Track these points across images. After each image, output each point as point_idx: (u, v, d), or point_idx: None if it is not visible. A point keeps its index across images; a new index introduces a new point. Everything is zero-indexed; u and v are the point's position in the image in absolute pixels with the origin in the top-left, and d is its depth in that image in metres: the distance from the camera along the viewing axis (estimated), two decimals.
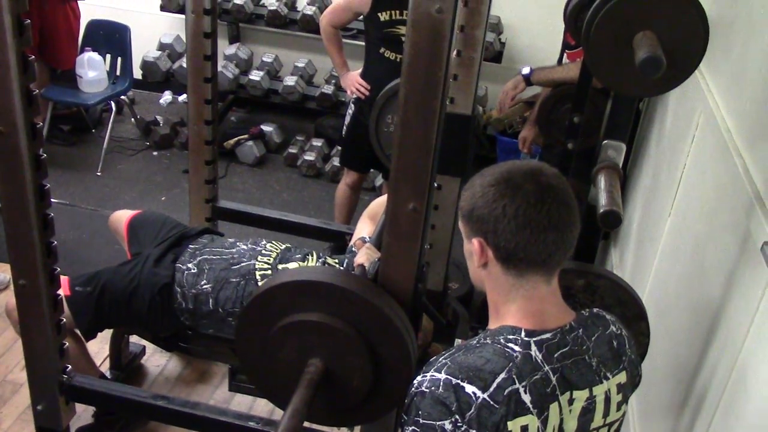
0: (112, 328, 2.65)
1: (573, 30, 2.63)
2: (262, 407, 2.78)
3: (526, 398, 1.17)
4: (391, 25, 3.27)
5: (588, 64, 1.76)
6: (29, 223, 1.84)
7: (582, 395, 1.24)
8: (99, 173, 4.54)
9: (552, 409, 1.20)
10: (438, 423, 1.16)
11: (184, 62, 4.79)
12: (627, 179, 3.32)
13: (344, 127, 3.63)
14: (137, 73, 4.94)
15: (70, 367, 2.15)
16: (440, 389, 1.17)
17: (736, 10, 2.10)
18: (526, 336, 1.21)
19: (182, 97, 5.06)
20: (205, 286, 2.32)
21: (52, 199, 1.89)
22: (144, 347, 3.00)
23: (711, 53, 1.69)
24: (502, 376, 1.17)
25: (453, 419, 1.16)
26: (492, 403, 1.15)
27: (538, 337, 1.22)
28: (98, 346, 2.81)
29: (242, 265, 2.35)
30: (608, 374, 1.28)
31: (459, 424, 1.15)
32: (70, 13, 4.52)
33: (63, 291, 2.30)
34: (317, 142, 4.83)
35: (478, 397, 1.16)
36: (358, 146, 3.48)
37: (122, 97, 4.83)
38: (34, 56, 1.70)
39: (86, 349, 2.53)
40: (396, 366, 1.56)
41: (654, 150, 2.99)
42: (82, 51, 4.63)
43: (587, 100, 2.23)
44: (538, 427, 1.19)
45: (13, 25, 1.59)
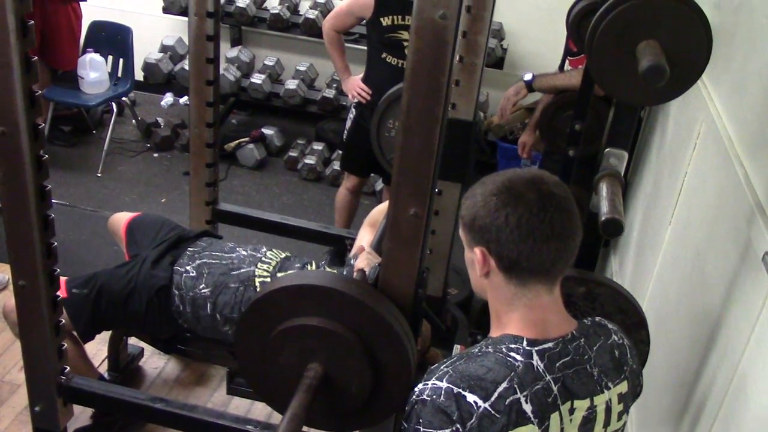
0: (109, 330, 2.65)
1: (575, 37, 2.65)
2: (260, 410, 2.78)
3: (527, 408, 1.17)
4: (393, 30, 3.27)
5: (591, 71, 1.76)
6: (30, 224, 1.84)
7: (583, 405, 1.24)
8: (99, 174, 4.54)
9: (553, 418, 1.20)
10: None
11: (186, 64, 4.80)
12: (627, 187, 3.32)
13: (345, 131, 3.63)
14: (139, 75, 4.94)
15: (69, 368, 2.14)
16: (441, 398, 1.17)
17: (738, 20, 2.10)
18: (527, 345, 1.21)
19: (183, 99, 5.06)
20: (203, 290, 2.32)
21: (52, 200, 1.89)
22: (142, 349, 2.99)
23: (713, 62, 1.70)
24: (504, 385, 1.16)
25: (454, 428, 1.15)
26: (493, 412, 1.15)
27: (540, 347, 1.21)
28: (96, 347, 2.81)
29: (242, 271, 2.34)
30: (609, 384, 1.27)
31: None
32: (72, 13, 4.52)
33: (60, 293, 2.30)
34: (318, 146, 4.83)
35: (480, 406, 1.15)
36: (359, 150, 3.49)
37: (123, 98, 4.83)
38: (36, 57, 1.70)
39: (84, 351, 2.52)
40: (395, 371, 1.56)
41: (655, 158, 3.00)
42: (83, 52, 4.63)
43: (589, 107, 2.23)
44: None
45: (16, 26, 1.59)
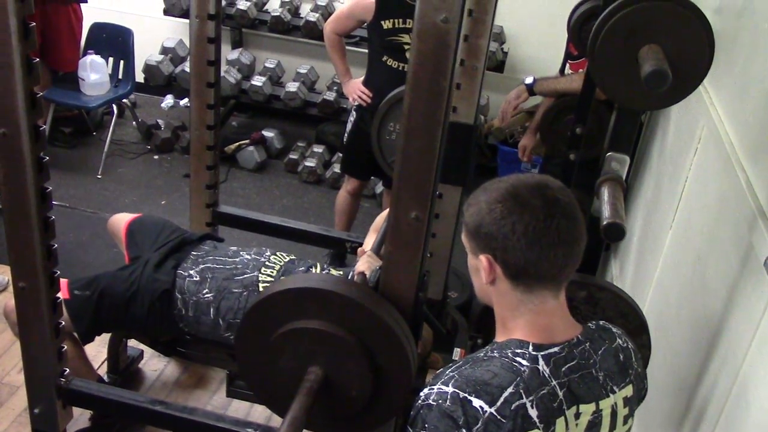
0: (110, 332, 2.64)
1: (577, 41, 2.64)
2: (260, 413, 2.77)
3: (533, 413, 1.17)
4: (394, 33, 3.27)
5: (593, 76, 1.76)
6: (30, 226, 1.83)
7: (588, 409, 1.24)
8: (99, 176, 4.53)
9: (558, 423, 1.20)
10: None
11: (187, 66, 4.80)
12: (628, 190, 3.32)
13: (345, 134, 3.63)
14: (139, 77, 4.93)
15: (68, 370, 2.14)
16: (447, 402, 1.17)
17: (739, 24, 2.10)
18: (533, 350, 1.21)
19: (184, 101, 5.06)
20: (207, 295, 2.31)
21: (52, 202, 1.89)
22: (142, 351, 2.99)
23: (714, 66, 1.70)
24: (510, 390, 1.16)
25: None
26: (499, 417, 1.15)
27: (546, 351, 1.21)
28: (96, 349, 2.80)
29: (245, 276, 2.34)
30: (615, 388, 1.27)
31: None
32: (72, 15, 4.51)
33: (62, 294, 2.30)
34: (318, 149, 4.83)
35: (486, 411, 1.15)
36: (359, 153, 3.48)
37: (124, 100, 4.83)
38: (37, 59, 1.70)
39: (84, 353, 2.51)
40: (396, 375, 1.56)
41: (656, 162, 3.00)
42: (84, 54, 4.63)
43: (590, 111, 2.23)
44: None
45: (18, 28, 1.59)
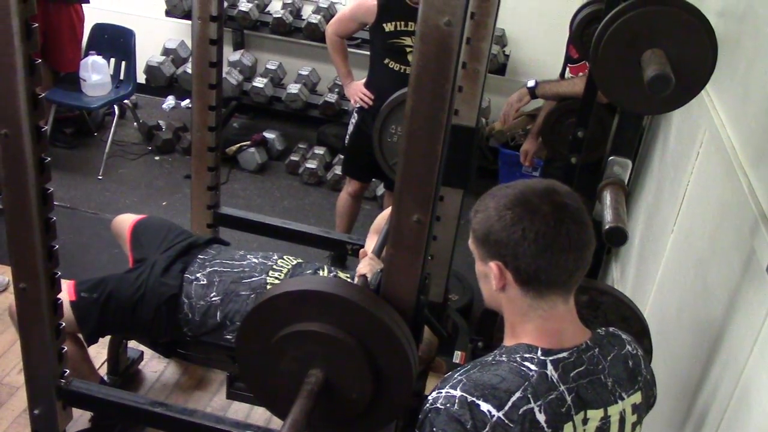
0: (114, 334, 2.64)
1: (579, 44, 2.64)
2: (260, 415, 2.77)
3: (541, 418, 1.16)
4: (395, 36, 3.28)
5: (595, 80, 1.76)
6: (31, 227, 1.84)
7: (597, 415, 1.23)
8: (100, 177, 4.53)
9: (566, 428, 1.19)
10: None
11: (188, 67, 4.80)
12: (629, 194, 3.32)
13: (347, 136, 3.63)
14: (141, 78, 4.94)
15: (69, 371, 2.14)
16: (455, 406, 1.17)
17: (742, 28, 2.10)
18: (542, 355, 1.21)
19: (185, 103, 5.06)
20: (214, 299, 2.32)
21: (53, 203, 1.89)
22: (142, 353, 2.98)
23: (717, 70, 1.69)
24: (518, 395, 1.16)
25: None
26: (507, 422, 1.15)
27: (555, 356, 1.21)
28: (96, 350, 2.79)
29: (253, 279, 2.34)
30: (623, 394, 1.27)
31: None
32: (74, 15, 4.52)
33: (68, 296, 2.29)
34: (319, 150, 4.83)
35: (493, 415, 1.15)
36: (361, 155, 3.49)
37: (125, 101, 4.83)
38: (39, 59, 1.70)
39: (87, 354, 2.52)
40: (397, 377, 1.55)
41: (657, 166, 2.99)
42: (86, 54, 4.63)
43: (592, 114, 2.23)
44: None
45: (21, 28, 1.59)
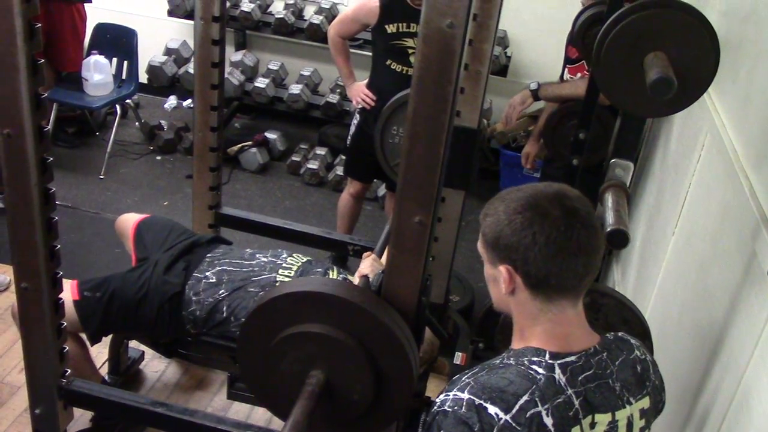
0: (116, 333, 2.64)
1: (581, 47, 2.65)
2: (260, 416, 2.77)
3: (548, 421, 1.16)
4: (398, 38, 3.28)
5: (597, 82, 1.76)
6: (33, 227, 1.84)
7: (604, 419, 1.23)
8: (102, 176, 4.54)
9: None
10: None
11: (190, 67, 4.81)
12: (630, 196, 3.32)
13: (349, 136, 3.63)
14: (143, 78, 4.94)
15: (70, 371, 2.14)
16: (463, 409, 1.17)
17: (744, 31, 2.10)
18: (550, 358, 1.21)
19: (187, 102, 5.07)
20: (222, 294, 2.33)
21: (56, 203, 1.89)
22: (143, 353, 2.99)
23: (719, 73, 1.70)
24: (525, 398, 1.16)
25: None
26: (514, 425, 1.15)
27: (563, 360, 1.21)
28: (97, 350, 2.79)
29: (263, 277, 2.35)
30: (631, 399, 1.27)
31: None
32: (76, 15, 4.53)
33: (72, 295, 2.30)
34: (321, 151, 4.84)
35: (501, 418, 1.15)
36: (363, 156, 3.49)
37: (127, 101, 4.83)
38: (42, 59, 1.70)
39: (89, 354, 2.52)
40: (398, 379, 1.55)
41: (658, 168, 2.99)
42: (88, 54, 4.64)
43: (593, 116, 2.23)
44: None
45: (24, 28, 1.59)
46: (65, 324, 2.07)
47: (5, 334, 3.03)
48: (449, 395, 1.20)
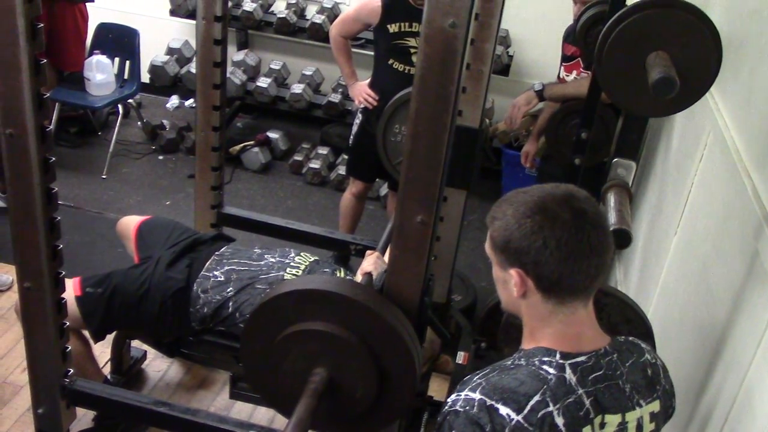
0: (120, 330, 2.64)
1: (583, 46, 2.65)
2: (263, 415, 2.77)
3: (560, 421, 1.16)
4: (400, 37, 3.28)
5: (600, 82, 1.76)
6: (36, 226, 1.84)
7: (614, 420, 1.23)
8: (104, 176, 4.54)
9: None
10: None
11: (192, 67, 4.81)
12: (633, 195, 3.32)
13: (351, 136, 3.63)
14: (145, 77, 4.94)
15: (73, 370, 2.14)
16: (474, 409, 1.17)
17: (747, 30, 2.10)
18: (561, 358, 1.21)
19: (189, 102, 5.07)
20: (230, 292, 2.33)
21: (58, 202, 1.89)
22: (145, 352, 2.99)
23: (721, 72, 1.70)
24: (536, 398, 1.16)
25: None
26: (526, 425, 1.15)
27: (573, 360, 1.21)
28: (100, 349, 2.81)
29: (270, 275, 2.35)
30: (641, 401, 1.27)
31: None
32: (78, 15, 4.53)
33: (74, 291, 2.30)
34: (323, 150, 4.83)
35: (512, 419, 1.15)
36: (365, 156, 3.49)
37: (129, 100, 4.83)
38: (44, 60, 1.70)
39: (93, 353, 2.52)
40: (401, 377, 1.55)
41: (660, 167, 2.99)
42: (90, 54, 4.64)
43: (596, 115, 2.23)
44: None
45: (26, 28, 1.60)
46: (68, 323, 2.07)
47: (7, 334, 3.03)
48: (460, 395, 1.20)
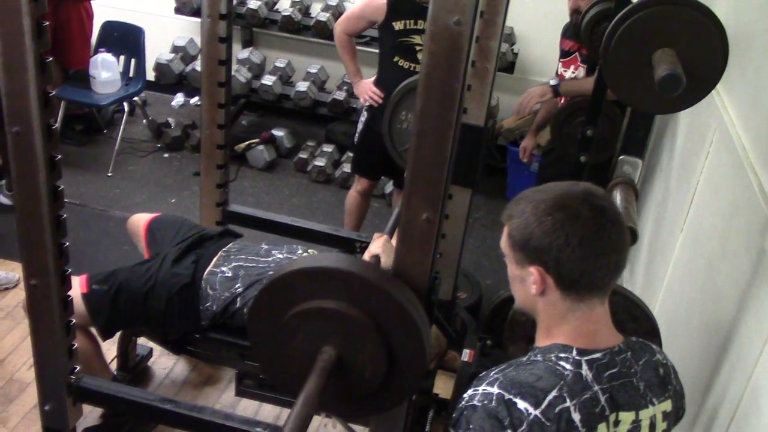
0: (128, 328, 2.64)
1: (588, 43, 2.64)
2: (268, 412, 2.78)
3: (576, 417, 1.17)
4: (405, 35, 3.27)
5: (605, 79, 1.76)
6: (42, 224, 1.84)
7: (628, 417, 1.23)
8: (110, 174, 4.55)
9: (600, 429, 1.20)
10: None
11: (197, 65, 4.81)
12: (638, 193, 3.31)
13: (356, 134, 3.63)
14: (150, 75, 4.95)
15: (81, 367, 2.14)
16: (493, 403, 1.17)
17: (753, 27, 2.09)
18: (577, 355, 1.21)
19: (194, 100, 5.08)
20: (238, 289, 2.33)
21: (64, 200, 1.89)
22: (151, 349, 3.00)
23: (727, 69, 1.69)
24: (554, 393, 1.17)
25: None
26: (543, 420, 1.15)
27: (589, 357, 1.21)
28: (105, 347, 2.80)
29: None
30: (654, 400, 1.27)
31: None
32: (84, 13, 4.54)
33: (80, 288, 2.31)
34: (328, 148, 4.84)
35: (530, 413, 1.15)
36: (370, 153, 3.49)
37: (134, 98, 4.84)
38: (50, 58, 1.71)
39: (101, 350, 2.52)
40: (410, 358, 1.53)
41: (665, 165, 2.98)
42: (96, 52, 4.65)
43: (601, 113, 2.22)
44: None
45: (32, 27, 1.60)
46: (75, 320, 2.08)
47: (14, 331, 3.05)
48: (478, 390, 1.20)
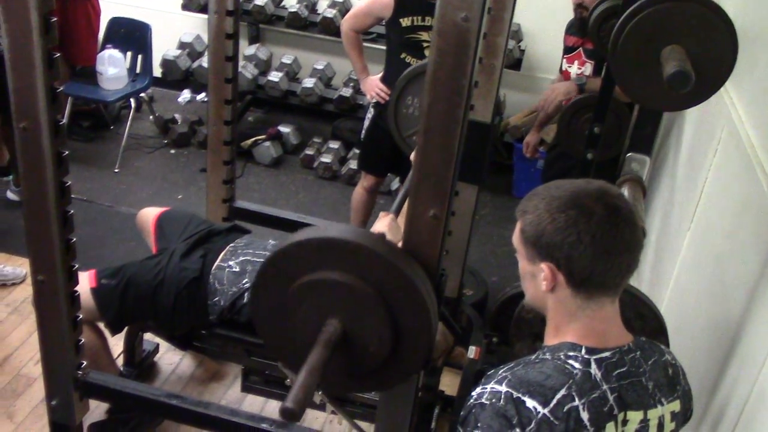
0: (136, 322, 2.64)
1: (596, 40, 2.63)
2: (274, 408, 2.78)
3: (584, 416, 1.16)
4: (412, 31, 3.27)
5: (614, 76, 1.75)
6: (49, 220, 1.85)
7: (636, 417, 1.23)
8: (116, 170, 4.56)
9: (608, 428, 1.19)
10: None
11: (204, 61, 4.82)
12: (646, 190, 3.30)
13: (363, 130, 3.63)
14: (157, 71, 4.96)
15: (88, 362, 2.15)
16: (501, 402, 1.17)
17: (763, 24, 2.08)
18: (586, 353, 1.20)
19: (201, 96, 5.08)
20: (245, 284, 2.33)
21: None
22: (157, 345, 3.00)
23: (736, 66, 1.68)
24: (562, 392, 1.16)
25: None
26: (552, 419, 1.15)
27: (598, 356, 1.21)
28: (112, 342, 2.82)
29: None
30: (663, 400, 1.26)
31: None
32: (91, 9, 4.54)
33: (89, 283, 2.31)
34: (334, 145, 4.84)
35: (539, 412, 1.15)
36: (377, 150, 3.48)
37: (141, 94, 4.85)
38: (57, 54, 1.71)
39: (108, 345, 2.53)
40: (416, 334, 1.50)
41: (673, 162, 2.97)
42: (103, 48, 4.66)
43: (608, 110, 2.22)
44: None
45: (40, 23, 1.60)
46: (82, 315, 2.08)
47: (21, 326, 3.06)
48: (486, 388, 1.20)
